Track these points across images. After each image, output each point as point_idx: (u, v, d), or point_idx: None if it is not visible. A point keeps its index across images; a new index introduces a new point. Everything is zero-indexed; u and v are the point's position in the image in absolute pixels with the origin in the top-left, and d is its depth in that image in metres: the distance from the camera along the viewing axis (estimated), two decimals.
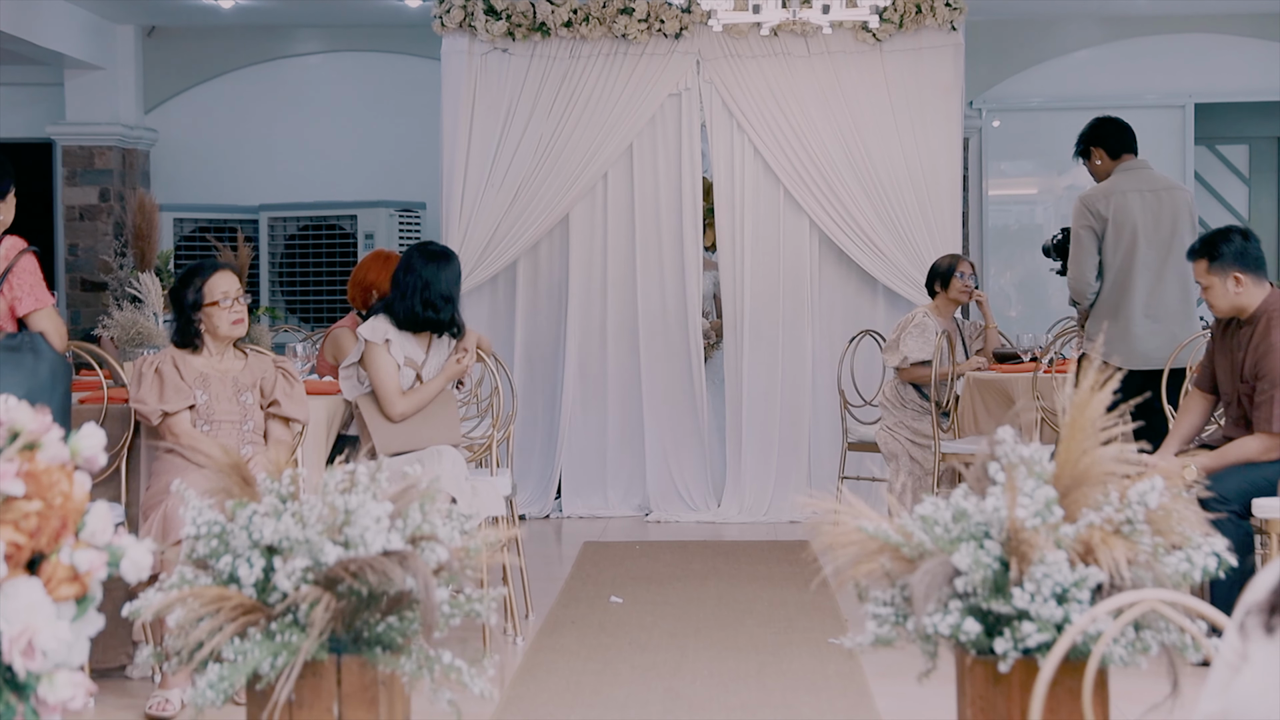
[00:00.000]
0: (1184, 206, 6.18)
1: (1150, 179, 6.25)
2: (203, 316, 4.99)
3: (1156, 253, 6.14)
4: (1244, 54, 10.15)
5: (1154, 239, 6.13)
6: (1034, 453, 2.93)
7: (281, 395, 5.08)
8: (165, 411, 4.86)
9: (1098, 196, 6.19)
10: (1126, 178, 6.22)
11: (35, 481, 2.41)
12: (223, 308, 4.99)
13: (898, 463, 7.23)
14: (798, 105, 8.26)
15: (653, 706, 4.59)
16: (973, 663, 2.89)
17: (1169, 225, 6.14)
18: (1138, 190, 6.17)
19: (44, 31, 9.05)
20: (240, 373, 5.05)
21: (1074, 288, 6.27)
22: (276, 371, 5.11)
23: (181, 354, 5.00)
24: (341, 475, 2.99)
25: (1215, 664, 2.17)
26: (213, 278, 5.00)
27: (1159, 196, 6.18)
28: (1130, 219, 6.12)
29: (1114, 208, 6.13)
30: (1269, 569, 2.15)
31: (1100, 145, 6.39)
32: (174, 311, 5.06)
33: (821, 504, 3.02)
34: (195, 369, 4.98)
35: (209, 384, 4.98)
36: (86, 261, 10.07)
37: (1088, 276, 6.18)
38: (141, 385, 4.90)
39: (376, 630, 2.92)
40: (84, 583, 2.44)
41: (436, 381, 5.61)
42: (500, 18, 8.28)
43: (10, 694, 2.37)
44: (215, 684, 2.81)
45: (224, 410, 4.97)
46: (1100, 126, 6.42)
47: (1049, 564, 2.77)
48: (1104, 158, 6.37)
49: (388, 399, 5.51)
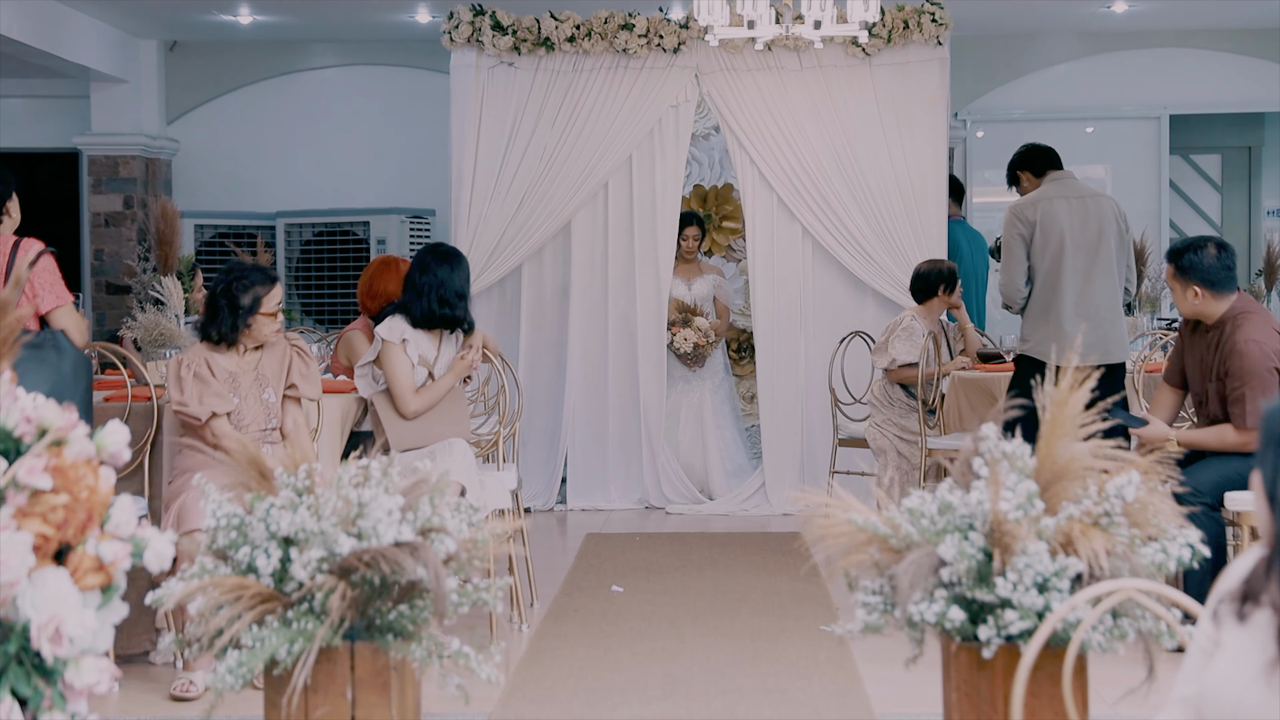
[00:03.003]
0: (1109, 212, 6.23)
1: (1075, 187, 6.31)
2: (251, 322, 5.00)
3: (1084, 255, 6.17)
4: (1217, 68, 10.16)
5: (1081, 243, 6.17)
6: (1016, 448, 2.93)
7: (298, 377, 5.09)
8: (215, 413, 4.86)
9: (1026, 205, 6.26)
10: (1053, 187, 6.29)
11: (62, 476, 2.41)
12: (270, 316, 5.02)
13: (886, 458, 7.23)
14: (791, 117, 8.26)
15: (652, 691, 4.59)
16: (958, 649, 2.89)
17: (1095, 230, 6.18)
18: (1064, 198, 6.22)
19: (71, 46, 9.05)
20: (261, 364, 5.05)
21: (1004, 293, 6.34)
22: (291, 352, 5.11)
23: (211, 353, 4.99)
24: (355, 470, 2.99)
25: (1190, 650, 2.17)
26: (272, 290, 5.02)
27: (1084, 203, 6.22)
28: (1057, 224, 6.16)
29: (1041, 214, 6.18)
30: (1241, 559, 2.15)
31: (1026, 169, 6.56)
32: (216, 310, 4.98)
33: (813, 497, 3.02)
34: (224, 369, 4.97)
35: (238, 385, 4.97)
36: (111, 266, 10.07)
37: (1017, 282, 6.24)
38: (184, 389, 4.87)
39: (388, 618, 2.92)
40: (109, 573, 2.44)
41: (446, 379, 5.62)
42: (506, 33, 8.28)
43: (38, 679, 2.37)
44: (234, 669, 2.81)
45: (251, 414, 4.97)
46: (1025, 153, 6.60)
47: (1030, 554, 2.77)
48: (1031, 179, 6.52)
49: (402, 397, 5.52)
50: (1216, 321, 5.20)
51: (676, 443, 8.60)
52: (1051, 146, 6.56)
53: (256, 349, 5.06)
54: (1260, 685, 1.98)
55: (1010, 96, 10.28)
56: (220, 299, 4.97)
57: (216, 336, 4.98)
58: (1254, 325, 5.11)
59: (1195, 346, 5.31)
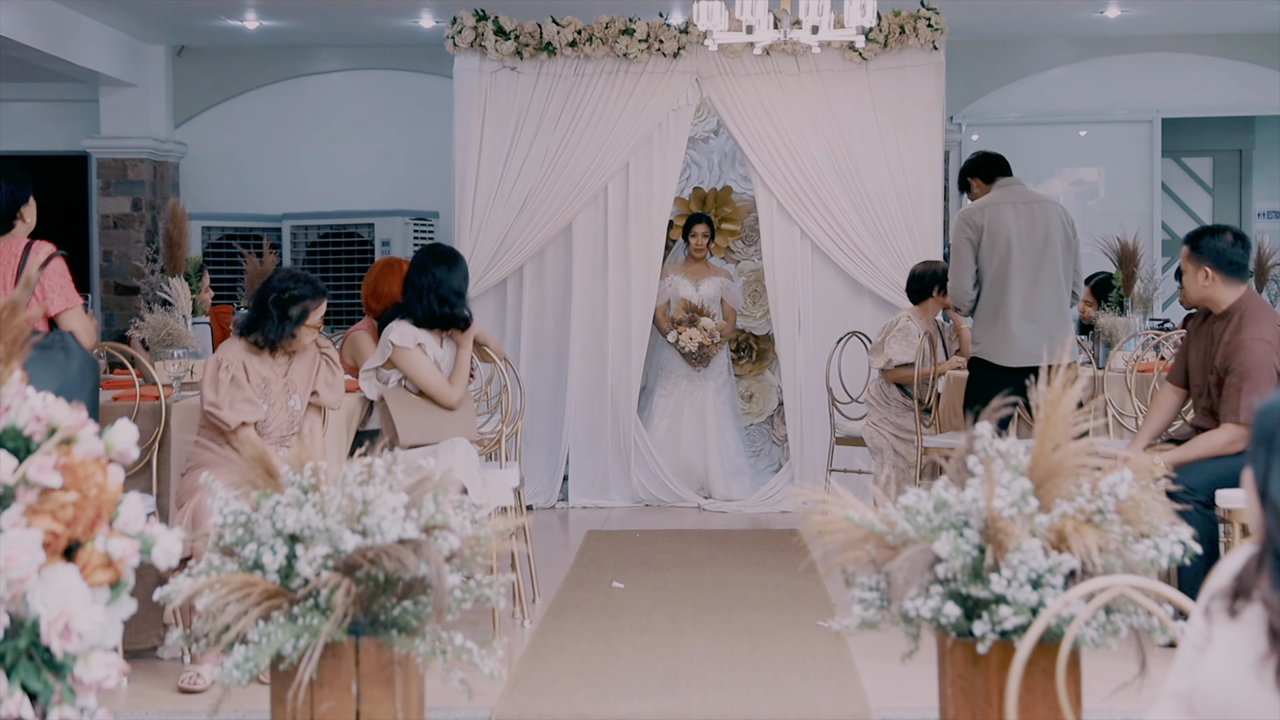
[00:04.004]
0: (1055, 217, 6.25)
1: (1023, 193, 6.33)
2: (296, 333, 5.01)
3: (1030, 259, 6.18)
4: (1208, 72, 10.16)
5: (1028, 246, 6.18)
6: (1010, 447, 2.92)
7: (323, 385, 5.10)
8: (245, 422, 4.86)
9: (974, 210, 6.28)
10: (1001, 193, 6.32)
11: (72, 474, 2.41)
12: (313, 329, 5.04)
13: (882, 456, 7.22)
14: (789, 120, 8.26)
15: (652, 685, 4.59)
16: (953, 644, 2.89)
17: (1041, 234, 6.20)
18: (1010, 203, 6.24)
19: (80, 51, 9.05)
20: (291, 371, 5.05)
21: (952, 296, 6.37)
22: (321, 360, 5.12)
23: (249, 355, 4.99)
24: (360, 468, 2.99)
25: (1181, 645, 2.17)
26: (320, 305, 5.04)
27: (1031, 208, 6.24)
28: (1004, 229, 6.18)
29: (989, 218, 6.20)
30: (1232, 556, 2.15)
31: (976, 175, 6.59)
32: (265, 315, 4.97)
33: (811, 495, 3.02)
34: (259, 374, 4.97)
35: (269, 391, 4.97)
36: (120, 267, 10.07)
37: (965, 285, 6.26)
38: (219, 390, 4.88)
39: (392, 614, 2.92)
40: (117, 569, 2.44)
41: (464, 354, 5.63)
42: (509, 38, 8.28)
43: (48, 673, 2.37)
44: (241, 664, 2.81)
45: (275, 421, 4.97)
46: (975, 160, 6.63)
47: (1024, 551, 2.77)
48: (981, 185, 6.54)
49: (441, 392, 5.53)
50: (1223, 313, 5.19)
51: (678, 442, 8.60)
52: (1001, 154, 6.60)
53: (289, 354, 5.06)
54: (1251, 680, 1.97)
55: (1005, 100, 10.28)
56: (271, 307, 4.97)
57: (261, 342, 4.99)
58: (1262, 324, 5.09)
59: (1200, 339, 5.30)
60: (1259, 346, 5.04)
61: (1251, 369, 5.03)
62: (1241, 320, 5.12)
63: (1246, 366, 5.03)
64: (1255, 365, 5.03)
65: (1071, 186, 10.51)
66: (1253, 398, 4.96)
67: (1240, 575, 2.06)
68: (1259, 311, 5.14)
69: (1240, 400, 5.02)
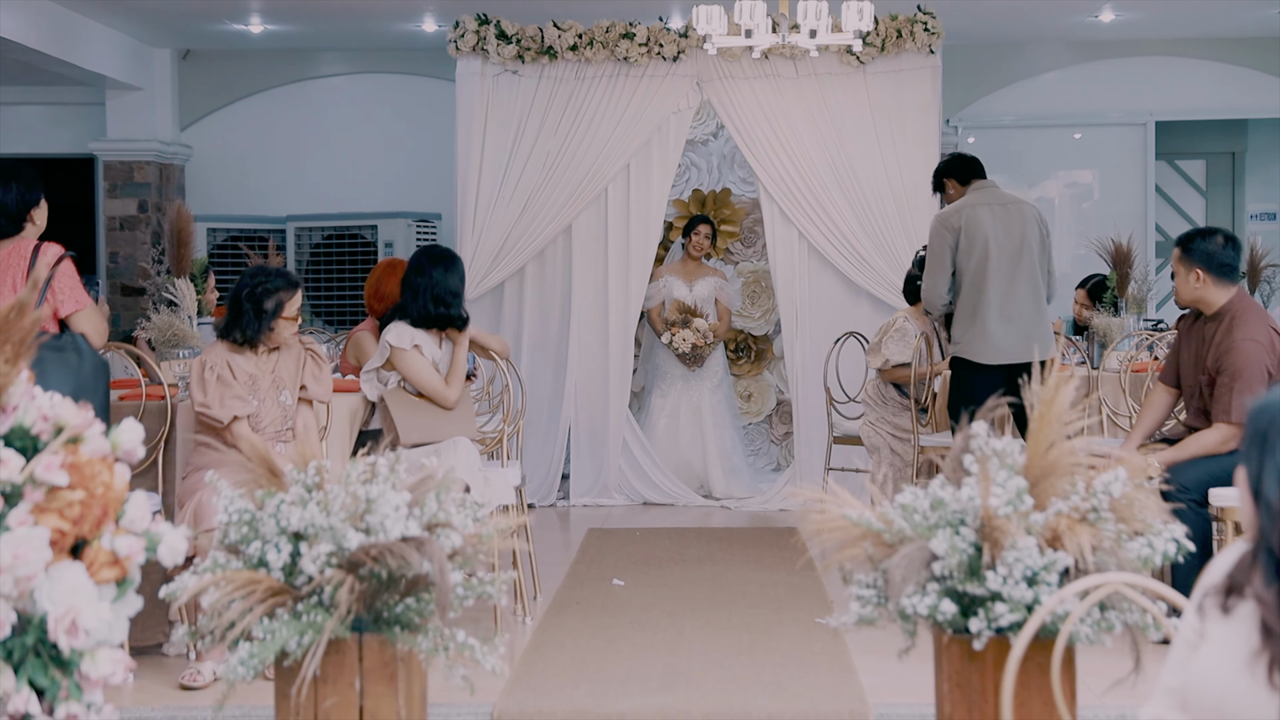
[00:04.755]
0: (1030, 218, 6.23)
1: (998, 195, 6.32)
2: (273, 325, 5.00)
3: (1007, 260, 6.18)
4: (1201, 75, 10.16)
5: (1004, 247, 6.17)
6: (1005, 446, 2.92)
7: (310, 379, 5.10)
8: (236, 416, 4.86)
9: (950, 213, 6.27)
10: (976, 195, 6.30)
11: (78, 472, 2.41)
12: (291, 320, 5.02)
13: (879, 455, 7.22)
14: (787, 123, 8.26)
15: (652, 681, 4.59)
16: (949, 641, 2.89)
17: (1017, 235, 6.19)
18: (987, 204, 6.23)
19: (87, 55, 9.05)
20: (278, 367, 5.06)
21: (925, 298, 6.35)
22: (305, 354, 5.13)
23: (232, 354, 4.99)
24: (363, 467, 2.99)
25: (1175, 642, 2.17)
26: (294, 296, 5.03)
27: (1006, 209, 6.23)
28: (981, 230, 6.17)
29: (965, 220, 6.19)
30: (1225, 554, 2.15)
31: (951, 177, 6.54)
32: (240, 313, 4.98)
33: (809, 494, 3.02)
34: (245, 371, 4.97)
35: (257, 387, 4.97)
36: (126, 268, 10.07)
37: (940, 289, 6.24)
38: (206, 391, 4.88)
39: (395, 611, 2.92)
40: (124, 567, 2.44)
41: (460, 354, 5.63)
42: (511, 42, 8.28)
43: (55, 670, 2.37)
44: (246, 660, 2.81)
45: (268, 416, 4.97)
46: (950, 162, 6.58)
47: (1020, 549, 2.77)
48: (956, 187, 6.50)
49: (438, 393, 5.53)
50: (1215, 314, 5.19)
51: (677, 441, 8.60)
52: (976, 156, 6.57)
53: (273, 351, 5.07)
54: (1244, 676, 1.98)
55: (1000, 103, 10.27)
56: (245, 302, 4.97)
57: (240, 339, 4.99)
58: (1253, 324, 5.10)
59: (1191, 340, 5.30)
60: (1250, 347, 5.04)
61: (1243, 369, 5.03)
62: (1233, 321, 5.12)
63: (1238, 367, 5.04)
64: (1247, 365, 5.03)
65: (1066, 189, 10.51)
66: (1244, 397, 4.97)
67: (1233, 572, 2.06)
68: (1250, 312, 5.15)
69: (1232, 400, 5.02)
